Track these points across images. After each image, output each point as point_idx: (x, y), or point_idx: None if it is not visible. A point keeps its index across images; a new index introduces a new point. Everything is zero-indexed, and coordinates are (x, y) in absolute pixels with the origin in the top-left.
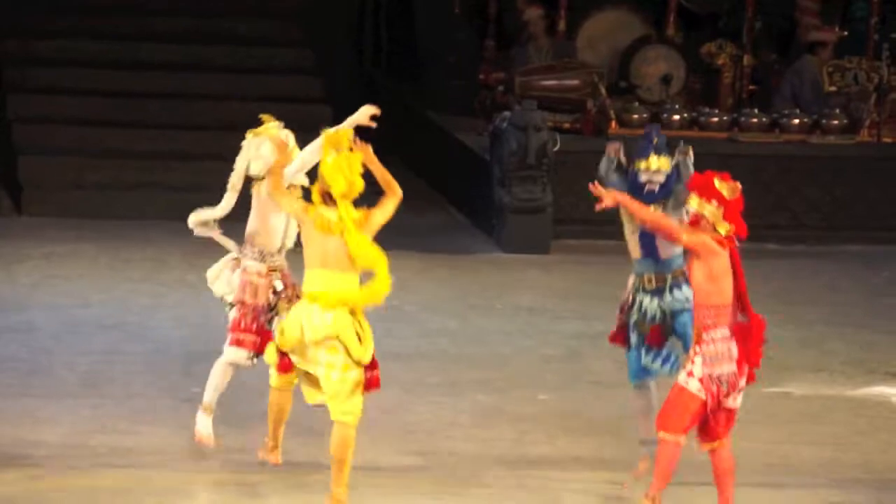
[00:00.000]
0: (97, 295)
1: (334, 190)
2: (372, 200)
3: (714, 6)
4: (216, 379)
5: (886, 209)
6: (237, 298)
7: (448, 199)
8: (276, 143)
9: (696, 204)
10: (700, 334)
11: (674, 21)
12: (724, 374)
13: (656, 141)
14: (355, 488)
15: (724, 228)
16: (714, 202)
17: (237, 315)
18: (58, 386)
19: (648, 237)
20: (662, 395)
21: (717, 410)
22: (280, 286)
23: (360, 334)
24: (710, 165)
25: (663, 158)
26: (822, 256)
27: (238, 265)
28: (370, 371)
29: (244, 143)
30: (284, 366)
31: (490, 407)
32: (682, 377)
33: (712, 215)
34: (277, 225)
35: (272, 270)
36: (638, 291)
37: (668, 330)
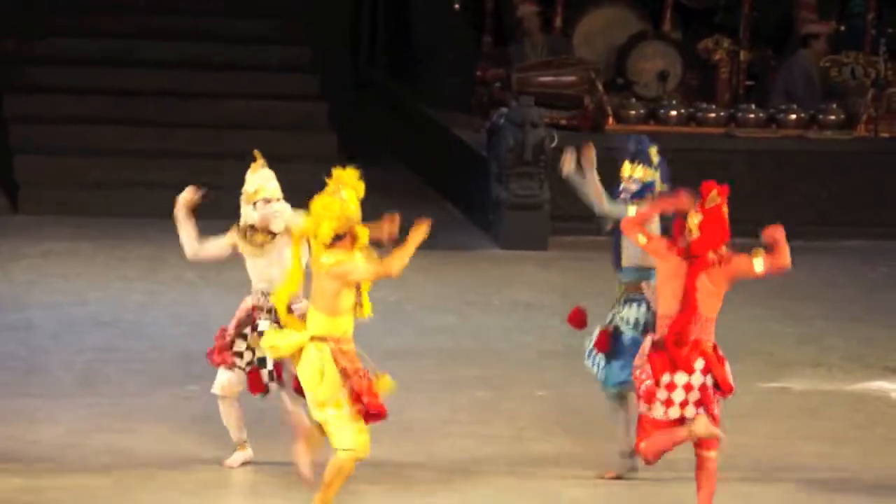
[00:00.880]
0: (94, 293)
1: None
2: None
3: (710, 1)
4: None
5: (884, 204)
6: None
7: (445, 195)
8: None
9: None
10: None
11: (670, 17)
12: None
13: (634, 148)
14: (353, 484)
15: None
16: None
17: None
18: (55, 384)
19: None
20: None
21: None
22: (264, 326)
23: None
24: (707, 161)
25: (640, 167)
26: (819, 252)
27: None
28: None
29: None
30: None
31: (488, 403)
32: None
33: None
34: (255, 262)
35: (257, 308)
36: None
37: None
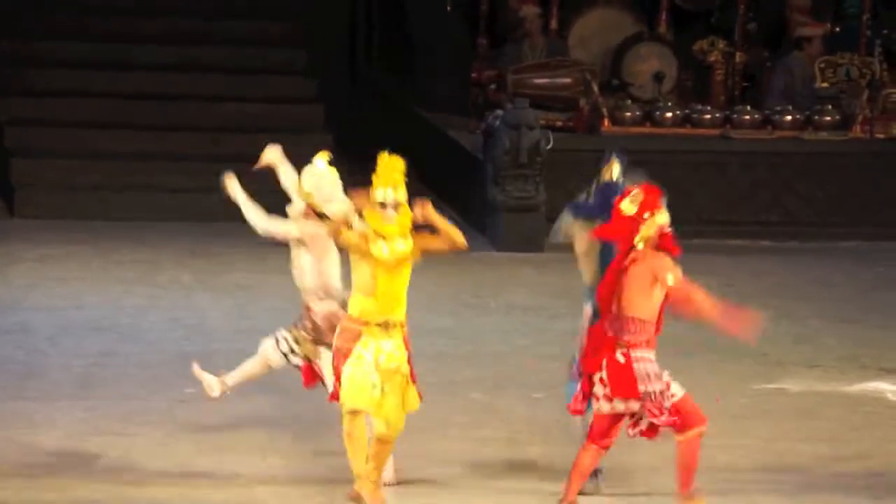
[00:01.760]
0: (91, 297)
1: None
2: None
3: (706, 3)
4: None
5: (879, 205)
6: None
7: (441, 197)
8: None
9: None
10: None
11: (665, 18)
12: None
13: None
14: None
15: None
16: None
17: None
18: (53, 388)
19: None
20: None
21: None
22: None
23: None
24: (703, 163)
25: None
26: (815, 252)
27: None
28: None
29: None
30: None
31: (484, 405)
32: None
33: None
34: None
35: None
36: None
37: None
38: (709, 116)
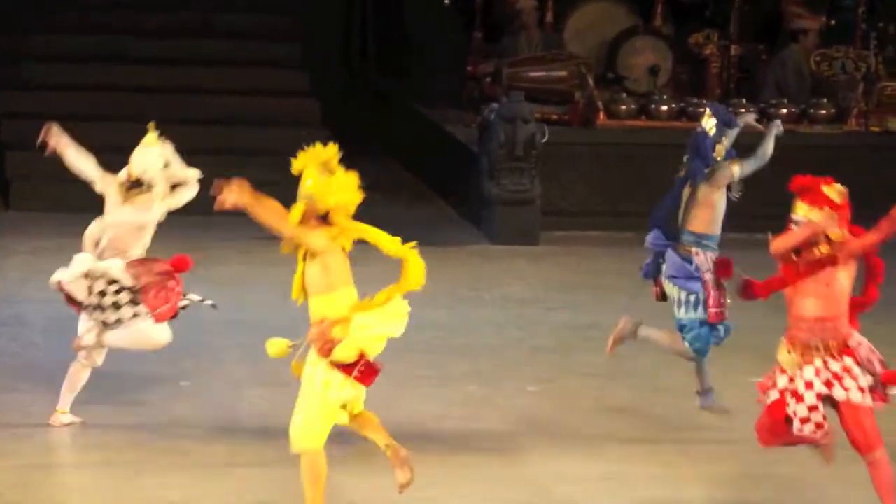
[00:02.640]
0: None
1: (328, 205)
2: None
3: None
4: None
5: (874, 198)
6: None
7: (436, 191)
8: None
9: (803, 211)
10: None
11: (661, 12)
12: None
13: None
14: (347, 481)
15: (837, 235)
16: (826, 208)
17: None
18: (47, 380)
19: None
20: None
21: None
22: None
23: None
24: None
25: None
26: None
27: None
28: None
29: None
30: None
31: (480, 398)
32: (858, 396)
33: (825, 221)
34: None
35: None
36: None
37: None
38: (704, 110)
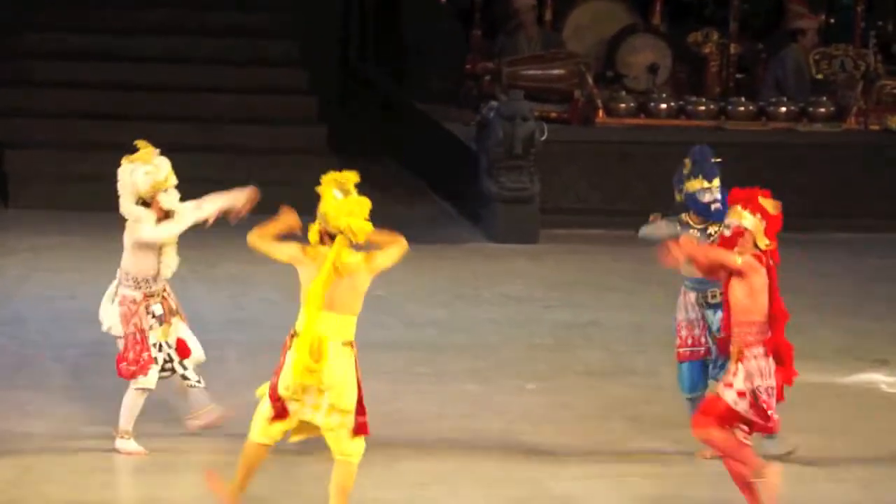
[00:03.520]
0: (84, 287)
1: (339, 227)
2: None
3: None
4: (132, 406)
5: (873, 197)
6: (120, 331)
7: (435, 189)
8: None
9: (738, 217)
10: (742, 350)
11: (660, 10)
12: (763, 387)
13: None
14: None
15: (764, 243)
16: (758, 215)
17: (121, 347)
18: (46, 378)
19: None
20: None
21: (751, 423)
22: (159, 310)
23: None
24: None
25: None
26: (809, 244)
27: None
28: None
29: (120, 171)
30: (281, 412)
31: (478, 396)
32: (721, 388)
33: (755, 228)
34: (147, 252)
35: (148, 297)
36: (703, 307)
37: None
38: (703, 108)
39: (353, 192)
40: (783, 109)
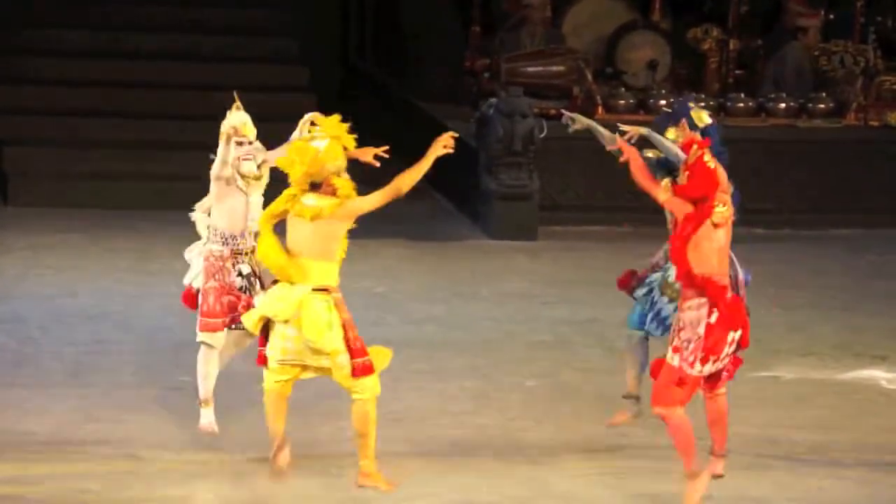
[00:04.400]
0: (84, 285)
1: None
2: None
3: None
4: (201, 368)
5: (873, 193)
6: (202, 284)
7: (434, 186)
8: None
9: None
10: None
11: (659, 6)
12: (691, 339)
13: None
14: (344, 476)
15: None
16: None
17: (201, 300)
18: (45, 376)
19: None
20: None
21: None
22: (246, 269)
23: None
24: None
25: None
26: (808, 240)
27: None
28: (357, 358)
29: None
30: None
31: (478, 393)
32: (669, 354)
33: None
34: (237, 207)
35: (237, 254)
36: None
37: None
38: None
39: (318, 138)
40: (783, 105)
